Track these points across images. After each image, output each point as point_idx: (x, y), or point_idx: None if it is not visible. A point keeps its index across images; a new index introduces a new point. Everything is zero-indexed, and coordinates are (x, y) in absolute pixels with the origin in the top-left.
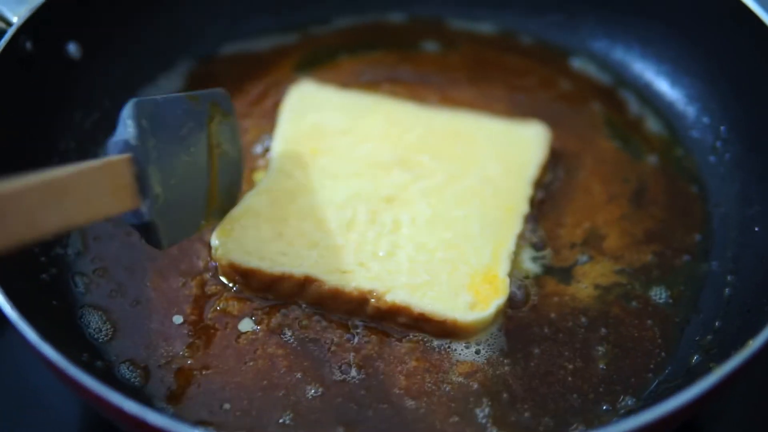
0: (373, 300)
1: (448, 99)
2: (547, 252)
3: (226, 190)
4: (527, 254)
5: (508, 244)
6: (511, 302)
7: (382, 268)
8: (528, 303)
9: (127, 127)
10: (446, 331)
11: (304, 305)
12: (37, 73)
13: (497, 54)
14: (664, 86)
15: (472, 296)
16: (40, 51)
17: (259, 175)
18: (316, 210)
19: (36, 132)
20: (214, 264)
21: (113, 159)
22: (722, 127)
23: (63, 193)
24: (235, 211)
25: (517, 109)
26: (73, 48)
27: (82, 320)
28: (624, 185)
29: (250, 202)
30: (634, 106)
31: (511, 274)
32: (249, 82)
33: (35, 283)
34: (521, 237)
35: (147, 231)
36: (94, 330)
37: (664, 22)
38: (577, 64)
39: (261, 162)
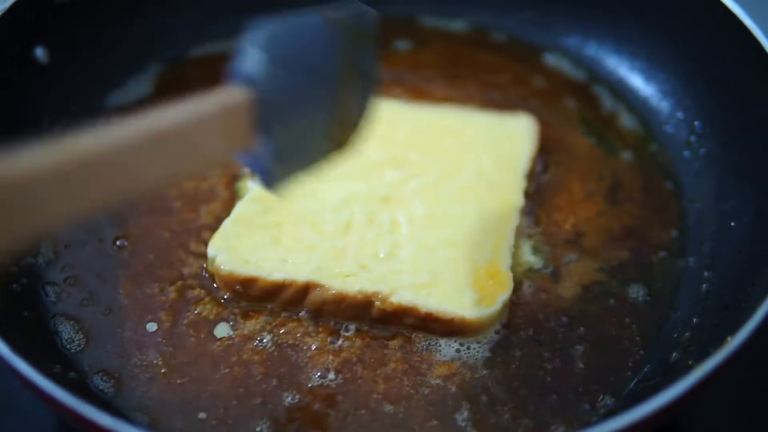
0: (378, 302)
1: (422, 97)
2: (534, 250)
3: (353, 125)
4: (526, 248)
5: (508, 237)
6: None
7: (385, 269)
8: (512, 303)
9: (250, 59)
10: (454, 329)
11: (281, 313)
12: (4, 78)
13: (470, 51)
14: (637, 82)
15: (478, 292)
16: (7, 55)
17: (245, 183)
18: (311, 214)
19: (2, 138)
20: (206, 275)
21: (232, 100)
22: (696, 122)
23: (172, 147)
24: (228, 221)
25: (490, 106)
26: (39, 52)
27: (54, 331)
28: (599, 182)
29: (242, 210)
30: (607, 101)
31: (513, 269)
32: (221, 84)
33: (6, 293)
34: (518, 231)
35: (262, 173)
36: (66, 340)
37: (637, 17)
38: (551, 60)
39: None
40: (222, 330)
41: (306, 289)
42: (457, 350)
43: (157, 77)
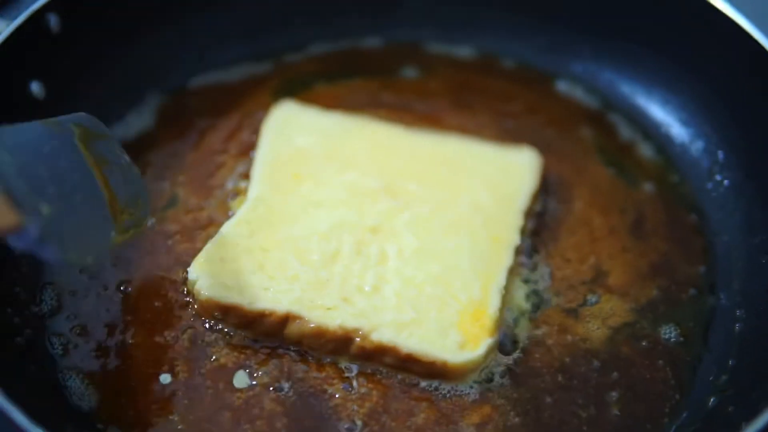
0: (358, 339)
1: (433, 126)
2: (551, 291)
3: (132, 202)
4: (523, 291)
5: (499, 278)
6: (514, 346)
7: (368, 303)
8: (534, 346)
9: None
10: (435, 372)
11: (293, 349)
12: None
13: (479, 78)
14: (654, 109)
15: (462, 335)
16: (1, 91)
17: (235, 203)
18: (298, 241)
19: None
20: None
21: None
22: (719, 152)
23: None
24: (212, 243)
25: (506, 135)
26: (36, 87)
27: (63, 385)
28: (622, 216)
29: (227, 232)
30: (624, 130)
31: (505, 311)
32: (223, 114)
33: (10, 347)
34: (515, 272)
35: (42, 247)
36: (76, 397)
37: (652, 41)
38: (563, 87)
39: (239, 187)
40: (241, 379)
41: (286, 320)
42: (486, 398)
43: (158, 109)
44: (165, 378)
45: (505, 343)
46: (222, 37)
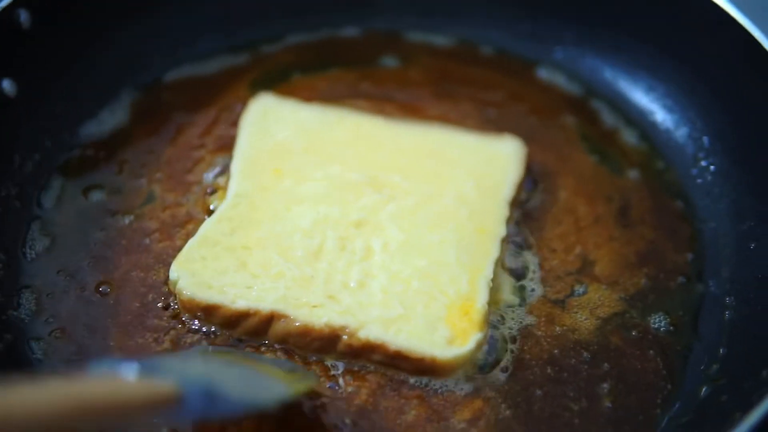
0: (345, 337)
1: (415, 115)
2: (538, 282)
3: (292, 372)
4: (510, 283)
5: (486, 270)
6: (502, 339)
7: (354, 300)
8: (523, 339)
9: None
10: (424, 368)
11: (278, 347)
12: None
13: (459, 67)
14: (638, 95)
15: (450, 330)
16: None
17: (214, 198)
18: (281, 237)
19: None
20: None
21: (161, 392)
22: (705, 138)
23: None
24: (193, 241)
25: (488, 124)
26: (7, 85)
27: None
28: (608, 204)
29: (207, 229)
30: (607, 117)
31: (492, 304)
32: (199, 108)
33: None
34: (502, 265)
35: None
36: None
37: (634, 26)
38: (544, 74)
39: (217, 183)
40: None
41: (270, 319)
42: (478, 394)
43: (132, 105)
44: None
45: (493, 337)
46: (196, 29)
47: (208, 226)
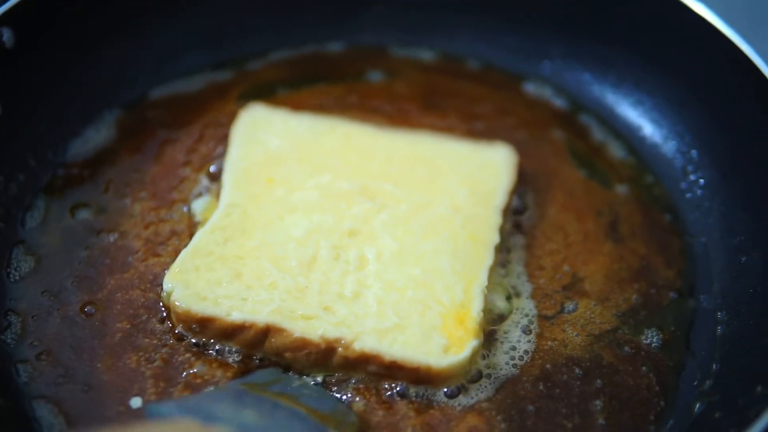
0: (340, 349)
1: (403, 125)
2: (529, 298)
3: (334, 412)
4: (503, 295)
5: (480, 278)
6: (500, 351)
7: (349, 311)
8: (517, 353)
9: None
10: (420, 377)
11: (272, 361)
12: None
13: (446, 81)
14: (625, 109)
15: (446, 338)
16: None
17: (200, 215)
18: (274, 247)
19: None
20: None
21: None
22: (693, 151)
23: None
24: (186, 251)
25: (476, 138)
26: None
27: (33, 416)
28: (598, 218)
29: (200, 239)
30: (596, 131)
31: (486, 314)
32: (184, 125)
33: None
34: (493, 274)
35: None
36: (45, 427)
37: (620, 40)
38: (531, 88)
39: (210, 190)
40: None
41: (266, 332)
42: (468, 402)
43: (118, 123)
44: (135, 402)
45: (486, 348)
46: (180, 46)
47: (201, 236)
